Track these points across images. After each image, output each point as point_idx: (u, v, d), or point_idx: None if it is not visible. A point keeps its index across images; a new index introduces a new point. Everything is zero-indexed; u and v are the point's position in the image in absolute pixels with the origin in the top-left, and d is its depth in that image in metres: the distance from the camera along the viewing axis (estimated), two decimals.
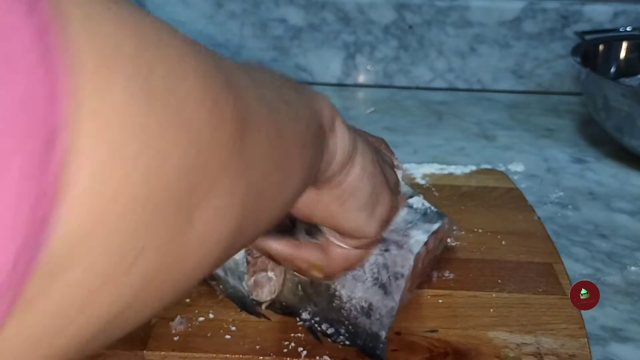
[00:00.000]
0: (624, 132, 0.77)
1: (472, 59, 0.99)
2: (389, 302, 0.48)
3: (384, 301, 0.48)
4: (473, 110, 0.94)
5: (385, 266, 0.49)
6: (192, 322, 0.49)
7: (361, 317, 0.48)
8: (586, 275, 0.59)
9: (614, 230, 0.66)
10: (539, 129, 0.88)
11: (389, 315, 0.48)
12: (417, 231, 0.51)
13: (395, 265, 0.49)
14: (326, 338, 0.48)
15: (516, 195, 0.67)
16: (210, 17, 0.99)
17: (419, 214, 0.53)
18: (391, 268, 0.49)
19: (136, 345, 0.46)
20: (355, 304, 0.48)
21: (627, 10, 0.94)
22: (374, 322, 0.48)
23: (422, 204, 0.53)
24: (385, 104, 0.96)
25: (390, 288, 0.48)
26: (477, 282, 0.54)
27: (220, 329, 0.48)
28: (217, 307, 0.50)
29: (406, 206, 0.53)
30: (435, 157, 0.78)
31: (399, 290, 0.48)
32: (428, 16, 0.97)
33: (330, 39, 0.99)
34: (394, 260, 0.49)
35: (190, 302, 0.51)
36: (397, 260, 0.49)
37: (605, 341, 0.51)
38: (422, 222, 0.52)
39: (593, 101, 0.80)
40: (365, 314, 0.48)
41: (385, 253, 0.49)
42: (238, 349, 0.47)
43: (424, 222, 0.52)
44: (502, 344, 0.47)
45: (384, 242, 0.50)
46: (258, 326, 0.49)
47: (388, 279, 0.49)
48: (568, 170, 0.78)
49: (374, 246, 0.44)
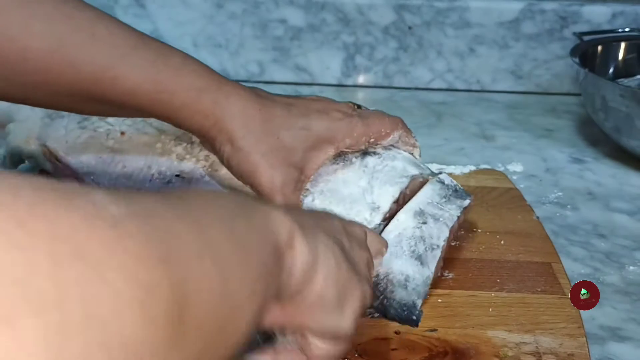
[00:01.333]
0: (622, 133, 0.77)
1: (471, 60, 0.99)
2: (425, 272, 0.50)
3: (421, 271, 0.50)
4: (472, 110, 0.95)
5: (422, 239, 0.51)
6: None
7: (398, 289, 0.50)
8: (585, 274, 0.59)
9: (613, 230, 0.66)
10: (538, 130, 0.89)
11: (425, 284, 0.50)
12: (451, 205, 0.53)
13: (431, 238, 0.51)
14: None
15: (515, 195, 0.67)
16: (211, 18, 0.99)
17: (450, 190, 0.55)
18: (427, 240, 0.51)
19: None
20: (391, 279, 0.50)
21: (625, 11, 0.94)
22: (410, 292, 0.50)
23: (450, 180, 0.56)
24: (384, 104, 0.96)
25: (427, 259, 0.51)
26: (476, 281, 0.54)
27: None
28: None
29: (437, 181, 0.55)
30: (434, 158, 0.78)
31: (435, 260, 0.51)
32: (427, 17, 0.97)
33: (330, 40, 0.99)
34: (430, 232, 0.51)
35: None
36: (434, 233, 0.52)
37: (603, 340, 0.51)
38: (455, 197, 0.54)
39: (592, 102, 0.80)
40: (402, 285, 0.50)
41: (423, 226, 0.51)
42: None
43: (457, 198, 0.54)
44: (501, 343, 0.48)
45: (422, 214, 0.52)
46: None
47: (424, 250, 0.51)
48: (567, 171, 0.78)
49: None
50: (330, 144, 0.53)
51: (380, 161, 0.54)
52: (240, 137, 0.49)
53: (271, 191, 0.49)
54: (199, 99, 0.48)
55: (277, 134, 0.50)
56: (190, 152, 0.58)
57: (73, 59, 0.45)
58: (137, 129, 0.61)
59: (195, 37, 1.00)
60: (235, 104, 0.49)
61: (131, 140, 0.60)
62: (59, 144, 0.62)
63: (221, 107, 0.48)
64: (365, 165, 0.53)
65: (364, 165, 0.53)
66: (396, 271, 0.50)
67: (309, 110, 0.52)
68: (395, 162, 0.54)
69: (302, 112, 0.52)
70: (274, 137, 0.50)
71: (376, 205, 0.52)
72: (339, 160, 0.54)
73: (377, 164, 0.54)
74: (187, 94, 0.48)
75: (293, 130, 0.51)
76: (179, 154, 0.58)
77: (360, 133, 0.54)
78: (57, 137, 0.63)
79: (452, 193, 0.54)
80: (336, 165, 0.53)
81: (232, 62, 1.01)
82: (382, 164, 0.54)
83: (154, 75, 0.47)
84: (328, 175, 0.53)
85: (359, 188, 0.52)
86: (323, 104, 0.54)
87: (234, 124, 0.49)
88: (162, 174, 0.58)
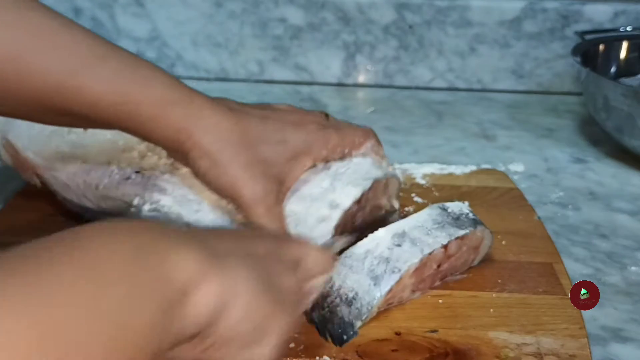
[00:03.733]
0: (624, 132, 0.77)
1: (472, 59, 0.99)
2: (375, 293, 0.48)
3: (371, 291, 0.48)
4: (473, 110, 0.94)
5: (387, 260, 0.49)
6: None
7: (342, 306, 0.48)
8: (586, 275, 0.59)
9: (614, 230, 0.66)
10: (539, 129, 0.88)
11: (369, 305, 0.48)
12: (441, 233, 0.51)
13: (397, 261, 0.49)
14: None
15: (516, 195, 0.67)
16: (210, 17, 0.99)
17: (450, 217, 0.53)
18: (392, 262, 0.49)
19: None
20: (341, 293, 0.49)
21: (627, 10, 0.94)
22: (352, 310, 0.48)
23: (459, 209, 0.54)
24: (385, 103, 0.96)
25: (382, 280, 0.49)
26: (477, 282, 0.54)
27: None
28: None
29: (438, 207, 0.54)
30: (435, 157, 0.78)
31: (389, 283, 0.49)
32: (428, 16, 0.97)
33: (330, 39, 0.99)
34: (399, 255, 0.50)
35: None
36: (402, 256, 0.50)
37: (605, 341, 0.51)
38: (451, 225, 0.52)
39: (593, 101, 0.80)
40: (347, 303, 0.48)
41: (395, 248, 0.50)
42: None
43: (452, 226, 0.52)
44: (502, 344, 0.47)
45: (402, 236, 0.50)
46: None
47: (384, 271, 0.49)
48: (568, 170, 0.78)
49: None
50: (307, 156, 0.52)
51: (343, 164, 0.54)
52: (217, 150, 0.48)
53: (254, 203, 0.49)
54: (170, 111, 0.47)
55: (254, 147, 0.49)
56: (152, 150, 0.57)
57: (35, 67, 0.44)
58: None
59: (194, 36, 1.00)
60: (210, 117, 0.48)
61: (94, 136, 0.59)
62: (20, 138, 0.61)
63: (194, 121, 0.47)
64: (328, 168, 0.54)
65: (327, 168, 0.54)
66: (348, 287, 0.49)
67: (284, 124, 0.52)
68: (359, 166, 0.54)
69: (278, 126, 0.51)
70: (251, 150, 0.49)
71: (336, 203, 0.52)
72: None
73: (339, 167, 0.54)
74: (156, 106, 0.46)
75: (270, 144, 0.50)
76: (141, 151, 0.58)
77: (335, 144, 0.54)
78: (18, 131, 0.62)
79: (451, 221, 0.53)
80: None
81: (231, 62, 1.01)
82: (345, 167, 0.54)
83: (120, 86, 0.46)
84: None
85: (321, 188, 0.53)
86: (298, 116, 0.54)
87: (209, 138, 0.48)
88: (121, 170, 0.57)
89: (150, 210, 0.54)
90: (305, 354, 0.46)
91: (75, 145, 0.59)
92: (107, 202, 0.57)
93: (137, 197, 0.55)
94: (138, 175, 0.56)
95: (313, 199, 0.52)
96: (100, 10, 0.99)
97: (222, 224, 0.52)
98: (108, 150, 0.58)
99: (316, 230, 0.51)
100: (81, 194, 0.58)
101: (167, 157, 0.56)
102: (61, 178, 0.59)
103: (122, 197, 0.56)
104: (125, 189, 0.56)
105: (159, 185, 0.55)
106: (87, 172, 0.58)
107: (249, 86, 1.00)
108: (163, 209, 0.54)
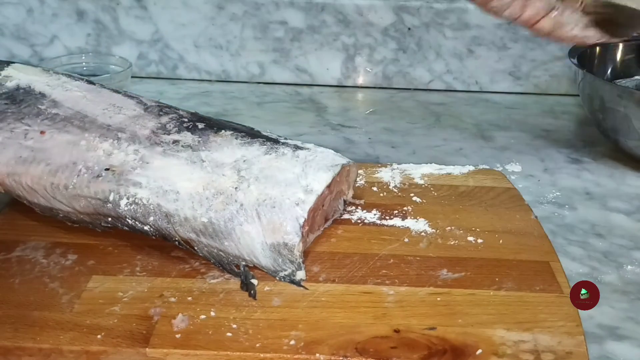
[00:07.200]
0: (620, 133, 0.77)
1: (469, 61, 1.00)
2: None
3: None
4: (471, 111, 0.95)
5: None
6: (193, 320, 0.49)
7: None
8: (583, 274, 0.59)
9: (610, 230, 0.66)
10: (536, 130, 0.89)
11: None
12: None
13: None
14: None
15: (513, 195, 0.68)
16: (212, 19, 1.00)
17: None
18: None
19: (138, 343, 0.47)
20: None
21: None
22: None
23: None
24: (384, 105, 0.97)
25: None
26: (475, 280, 0.55)
27: (222, 327, 0.49)
28: (219, 305, 0.51)
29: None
30: (433, 158, 0.78)
31: None
32: (426, 19, 0.98)
33: (330, 41, 1.00)
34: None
35: (192, 300, 0.51)
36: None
37: (602, 339, 0.52)
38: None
39: (590, 102, 0.81)
40: None
41: None
42: (239, 346, 0.47)
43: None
44: (500, 341, 0.48)
45: None
46: (258, 324, 0.49)
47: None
48: (565, 171, 0.79)
49: None
50: None
51: (310, 153, 0.59)
52: None
53: None
54: None
55: None
56: (117, 148, 0.58)
57: None
58: (58, 128, 0.60)
59: (196, 38, 1.01)
60: None
61: (53, 139, 0.59)
62: None
63: None
64: (297, 156, 0.58)
65: (296, 156, 0.58)
66: None
67: None
68: (324, 154, 0.59)
69: None
70: None
71: (310, 188, 0.56)
72: (271, 152, 0.58)
73: (308, 155, 0.58)
74: None
75: None
76: (106, 149, 0.58)
77: None
78: None
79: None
80: (269, 156, 0.58)
81: (233, 63, 1.02)
82: (313, 155, 0.59)
83: None
84: (262, 164, 0.57)
85: (294, 174, 0.56)
86: None
87: None
88: (90, 169, 0.57)
89: (128, 204, 0.55)
90: (304, 350, 0.47)
91: (35, 149, 0.59)
92: (80, 201, 0.57)
93: (111, 193, 0.56)
94: (108, 172, 0.57)
95: (288, 184, 0.56)
96: (103, 12, 1.00)
97: (200, 212, 0.55)
98: (71, 151, 0.58)
99: (292, 212, 0.55)
100: (50, 197, 0.58)
101: (133, 153, 0.57)
102: (26, 182, 0.58)
103: (96, 195, 0.56)
104: (97, 186, 0.56)
105: (133, 179, 0.56)
106: (53, 174, 0.57)
107: (249, 87, 1.01)
108: (142, 201, 0.55)
